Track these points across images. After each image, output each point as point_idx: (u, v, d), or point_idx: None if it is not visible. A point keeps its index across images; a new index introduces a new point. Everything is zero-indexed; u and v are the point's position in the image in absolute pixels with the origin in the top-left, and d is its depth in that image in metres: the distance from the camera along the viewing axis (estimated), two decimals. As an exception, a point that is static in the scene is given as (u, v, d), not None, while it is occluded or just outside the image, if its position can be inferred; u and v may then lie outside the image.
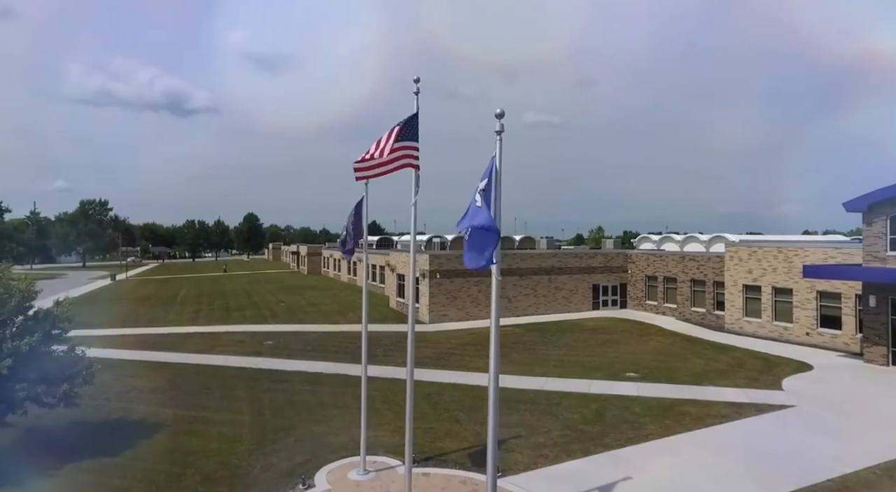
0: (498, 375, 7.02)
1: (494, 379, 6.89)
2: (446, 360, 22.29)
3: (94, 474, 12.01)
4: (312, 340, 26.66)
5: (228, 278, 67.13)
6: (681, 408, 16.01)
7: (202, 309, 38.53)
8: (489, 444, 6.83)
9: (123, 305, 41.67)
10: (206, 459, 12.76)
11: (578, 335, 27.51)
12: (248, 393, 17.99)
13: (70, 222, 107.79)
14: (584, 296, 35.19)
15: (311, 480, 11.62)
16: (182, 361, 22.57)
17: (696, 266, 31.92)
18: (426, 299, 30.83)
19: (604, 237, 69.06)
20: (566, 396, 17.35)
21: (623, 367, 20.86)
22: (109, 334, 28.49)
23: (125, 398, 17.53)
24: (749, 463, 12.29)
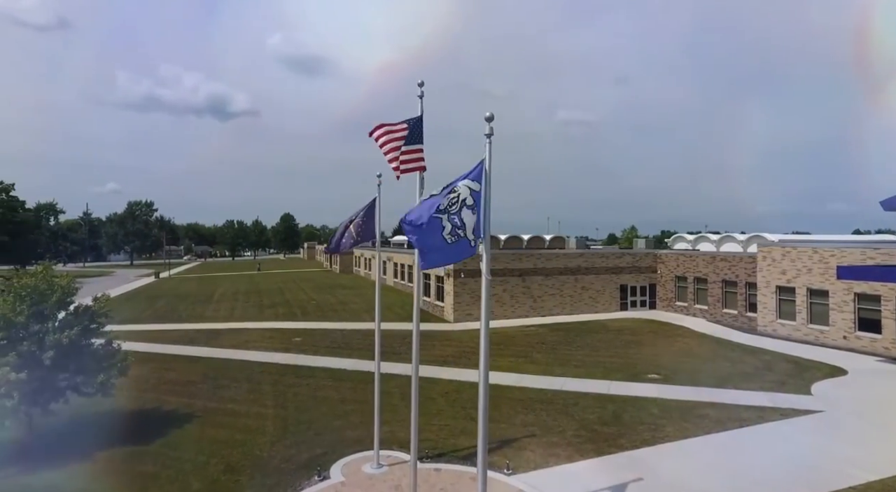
0: (487, 372, 7.21)
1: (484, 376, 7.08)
2: (467, 358, 22.49)
3: (127, 461, 12.79)
4: (338, 337, 27.32)
5: (263, 277, 69.08)
6: (700, 411, 15.76)
7: (237, 306, 39.91)
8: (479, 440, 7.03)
9: (164, 301, 43.56)
10: (231, 449, 13.39)
11: (603, 336, 27.26)
12: (273, 387, 18.66)
13: (118, 223, 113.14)
14: (612, 296, 34.76)
15: (327, 472, 12.06)
16: (215, 355, 23.53)
17: (727, 266, 31.09)
18: (450, 299, 31.10)
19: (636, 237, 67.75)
20: (584, 396, 17.32)
21: (645, 368, 20.61)
22: (150, 329, 29.91)
23: (160, 390, 18.46)
24: (766, 468, 12.06)
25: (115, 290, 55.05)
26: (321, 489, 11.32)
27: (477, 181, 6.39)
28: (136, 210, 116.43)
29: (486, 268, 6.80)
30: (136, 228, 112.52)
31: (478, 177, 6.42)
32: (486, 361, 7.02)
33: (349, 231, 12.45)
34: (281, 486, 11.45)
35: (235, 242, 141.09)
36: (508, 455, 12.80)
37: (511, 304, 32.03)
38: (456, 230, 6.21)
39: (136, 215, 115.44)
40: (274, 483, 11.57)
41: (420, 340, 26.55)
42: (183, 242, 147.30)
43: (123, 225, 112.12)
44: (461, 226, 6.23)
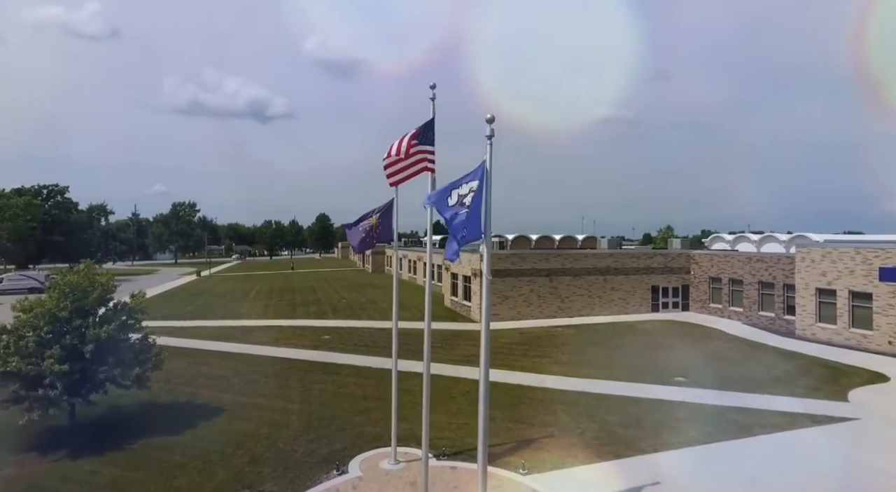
0: (488, 371, 7.31)
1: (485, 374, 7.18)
2: (491, 358, 22.43)
3: (159, 450, 13.45)
4: (366, 335, 27.81)
5: (298, 276, 70.73)
6: (727, 416, 15.37)
7: (271, 304, 41.07)
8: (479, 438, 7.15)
9: (203, 299, 45.19)
10: (256, 442, 13.89)
11: (631, 338, 26.81)
12: (300, 383, 19.20)
13: (163, 223, 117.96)
14: (643, 297, 34.10)
15: (346, 466, 12.38)
16: (247, 351, 24.34)
17: (764, 268, 30.05)
18: (477, 298, 31.16)
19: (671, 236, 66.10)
20: (606, 398, 17.14)
21: (672, 371, 20.19)
22: (188, 326, 31.14)
23: (193, 384, 19.25)
24: (790, 476, 11.72)
25: (159, 287, 57.51)
26: (339, 483, 11.64)
27: (477, 180, 6.51)
28: (179, 211, 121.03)
29: (487, 268, 6.91)
30: (179, 228, 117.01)
31: (477, 176, 6.54)
32: (486, 361, 7.14)
33: (365, 230, 12.73)
34: (301, 479, 11.82)
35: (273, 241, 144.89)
36: (525, 456, 12.83)
37: (538, 304, 31.85)
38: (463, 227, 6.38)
39: (179, 216, 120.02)
40: (294, 476, 11.97)
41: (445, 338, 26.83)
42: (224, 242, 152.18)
43: (168, 225, 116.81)
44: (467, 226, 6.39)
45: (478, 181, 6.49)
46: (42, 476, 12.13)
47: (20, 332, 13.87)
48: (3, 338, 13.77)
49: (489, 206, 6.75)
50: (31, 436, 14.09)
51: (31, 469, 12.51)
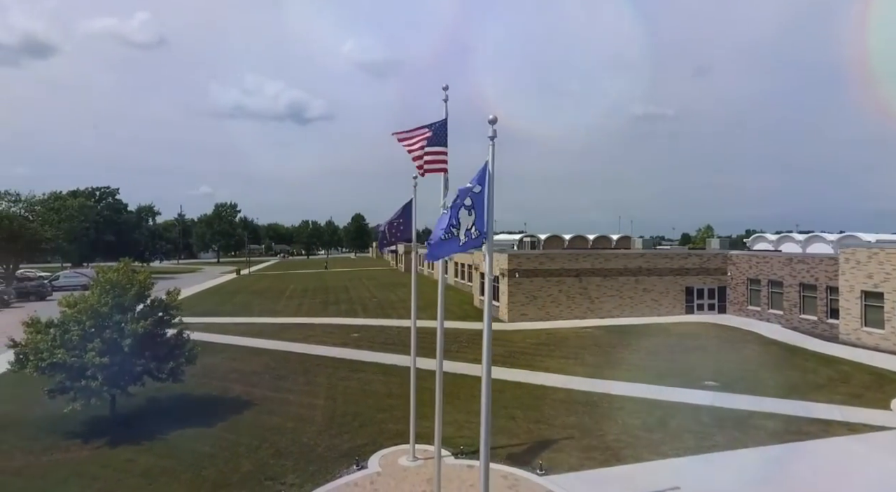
0: (490, 368, 7.38)
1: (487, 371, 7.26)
2: (516, 358, 22.51)
3: (191, 441, 14.06)
4: (394, 333, 28.16)
5: (332, 275, 72.11)
6: (756, 421, 14.91)
7: (304, 302, 42.08)
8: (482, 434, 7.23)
9: (241, 297, 46.69)
10: (281, 435, 14.35)
11: (662, 340, 26.23)
12: (327, 380, 19.68)
13: (206, 223, 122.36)
14: (676, 299, 33.24)
15: (365, 462, 12.65)
16: (278, 348, 25.07)
17: (805, 269, 28.83)
18: (505, 298, 31.10)
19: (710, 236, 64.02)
20: (631, 400, 16.87)
21: (703, 375, 19.67)
22: (225, 322, 32.27)
23: (226, 379, 19.99)
24: (817, 484, 11.28)
25: (201, 285, 59.76)
26: (357, 478, 11.91)
27: (479, 183, 6.59)
28: (221, 211, 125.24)
29: (489, 268, 6.98)
30: (221, 228, 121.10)
31: (479, 179, 6.62)
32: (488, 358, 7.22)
33: (386, 231, 12.98)
34: (321, 472, 12.16)
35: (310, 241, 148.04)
36: (543, 456, 12.81)
37: (567, 304, 31.51)
38: (451, 228, 6.46)
39: (221, 216, 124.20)
40: (315, 469, 12.31)
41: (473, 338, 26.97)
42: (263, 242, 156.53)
43: (211, 225, 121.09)
44: (456, 225, 6.47)
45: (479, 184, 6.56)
46: (84, 462, 12.88)
47: (66, 326, 14.73)
48: (50, 331, 14.66)
49: (492, 206, 6.83)
50: (75, 424, 14.96)
51: (74, 455, 13.31)
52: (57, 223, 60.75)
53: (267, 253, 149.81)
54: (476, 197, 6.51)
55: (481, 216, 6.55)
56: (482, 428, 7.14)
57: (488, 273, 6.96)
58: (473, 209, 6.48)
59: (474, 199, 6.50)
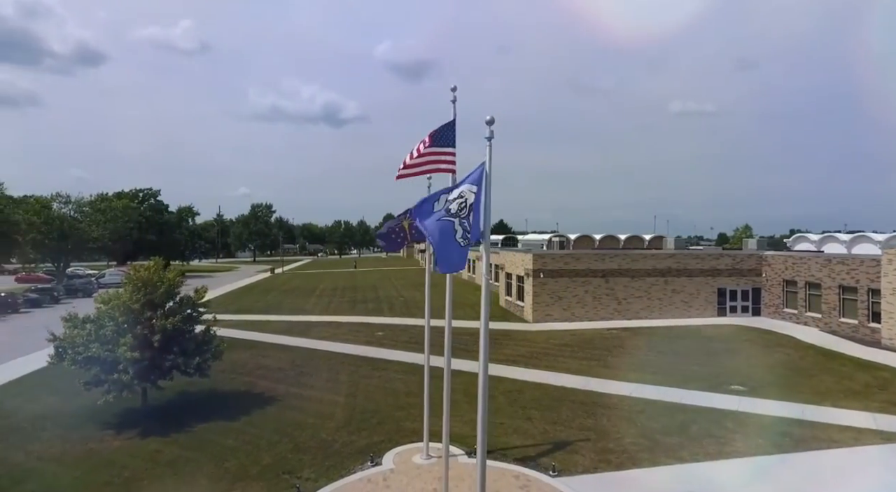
0: (487, 366, 7.44)
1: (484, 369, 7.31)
2: (538, 359, 22.38)
3: (216, 434, 14.57)
4: (417, 333, 28.29)
5: (362, 274, 73.12)
6: (782, 428, 14.42)
7: (333, 301, 42.83)
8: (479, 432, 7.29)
9: (273, 295, 47.88)
10: (301, 431, 14.71)
11: (690, 342, 25.59)
12: (349, 377, 20.03)
13: (243, 223, 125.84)
14: (708, 301, 32.33)
15: (380, 459, 12.86)
16: (305, 345, 25.65)
17: (845, 270, 27.60)
18: (530, 298, 30.90)
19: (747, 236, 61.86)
20: (653, 403, 16.57)
21: (730, 379, 19.13)
22: (257, 319, 33.21)
23: (253, 374, 20.59)
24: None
25: (236, 283, 61.57)
26: (371, 474, 12.13)
27: (475, 184, 6.64)
28: (258, 212, 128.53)
29: (486, 269, 7.03)
30: (257, 228, 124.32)
31: (476, 180, 6.67)
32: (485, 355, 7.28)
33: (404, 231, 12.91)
34: (337, 468, 12.43)
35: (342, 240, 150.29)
36: (557, 457, 12.75)
37: (593, 305, 31.09)
38: (466, 234, 6.52)
39: (258, 216, 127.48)
40: (331, 465, 12.59)
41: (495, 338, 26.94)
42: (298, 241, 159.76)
43: (247, 225, 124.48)
44: (470, 230, 6.53)
45: (475, 185, 6.61)
46: (115, 452, 13.53)
47: (101, 321, 15.50)
48: (87, 326, 15.45)
49: (489, 208, 6.87)
50: (110, 416, 15.71)
51: (107, 445, 13.99)
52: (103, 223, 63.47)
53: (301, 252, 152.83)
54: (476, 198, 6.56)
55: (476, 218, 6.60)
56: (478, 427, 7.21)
57: (484, 273, 7.01)
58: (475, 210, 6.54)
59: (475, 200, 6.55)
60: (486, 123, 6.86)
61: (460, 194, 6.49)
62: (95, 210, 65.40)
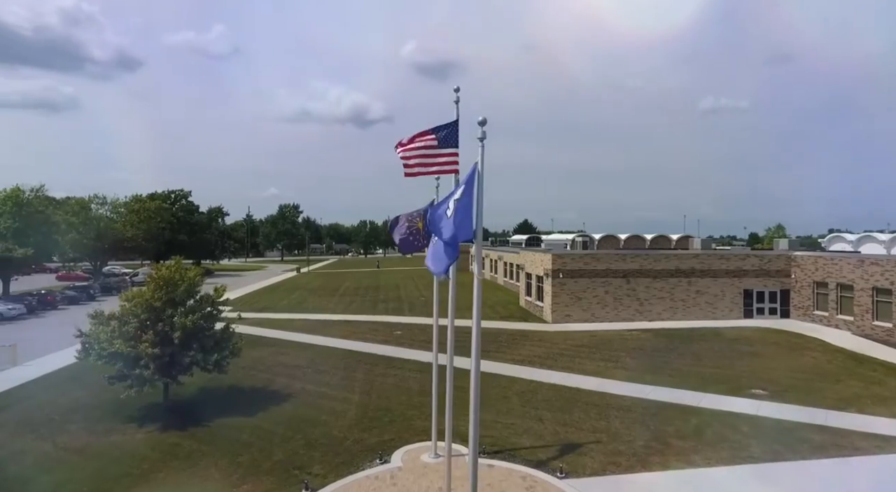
0: (479, 367, 7.45)
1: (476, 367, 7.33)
2: (553, 360, 22.21)
3: (232, 429, 14.97)
4: (436, 333, 28.45)
5: (385, 274, 73.72)
6: (802, 433, 13.99)
7: (355, 300, 43.31)
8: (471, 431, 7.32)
9: (298, 294, 48.70)
10: (314, 427, 14.98)
11: (712, 345, 25.00)
12: (364, 375, 20.27)
13: (271, 223, 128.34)
14: (733, 302, 31.50)
15: (389, 456, 13.01)
16: (324, 343, 26.04)
17: (879, 272, 26.53)
18: (549, 299, 30.65)
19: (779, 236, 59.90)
20: (668, 406, 16.28)
21: (751, 382, 18.64)
22: (279, 317, 33.88)
23: (272, 372, 21.03)
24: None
25: (263, 282, 62.86)
26: (379, 471, 12.28)
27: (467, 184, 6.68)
28: (285, 212, 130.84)
29: (478, 268, 7.06)
30: (285, 228, 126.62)
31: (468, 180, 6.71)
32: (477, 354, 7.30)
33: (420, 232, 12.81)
34: (346, 464, 12.62)
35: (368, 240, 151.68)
36: (566, 459, 12.68)
37: (614, 306, 30.65)
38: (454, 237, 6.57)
39: (285, 216, 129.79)
40: (341, 461, 12.80)
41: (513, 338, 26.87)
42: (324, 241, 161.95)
43: (275, 225, 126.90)
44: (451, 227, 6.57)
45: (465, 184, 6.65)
46: (136, 445, 14.03)
47: (125, 318, 16.08)
48: (111, 323, 16.05)
49: (481, 206, 6.91)
50: (134, 410, 16.29)
51: (130, 437, 14.53)
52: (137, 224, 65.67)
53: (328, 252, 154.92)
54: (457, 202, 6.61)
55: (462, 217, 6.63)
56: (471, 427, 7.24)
57: (476, 273, 7.05)
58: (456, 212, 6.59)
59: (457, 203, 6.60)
60: (479, 124, 6.89)
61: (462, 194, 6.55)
62: (130, 211, 67.69)
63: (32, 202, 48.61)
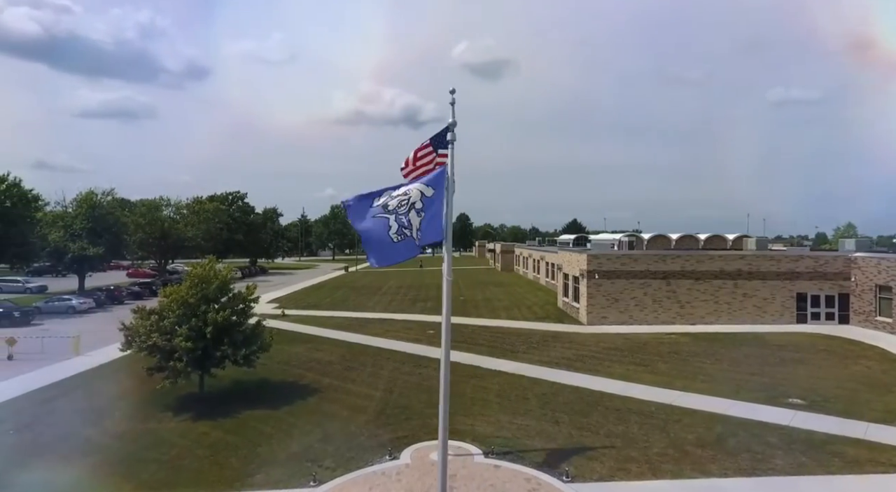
0: (448, 367, 7.52)
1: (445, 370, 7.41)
2: (581, 362, 21.79)
3: (257, 421, 15.69)
4: (468, 332, 28.56)
5: (428, 273, 74.22)
6: (835, 447, 13.12)
7: (395, 299, 44.05)
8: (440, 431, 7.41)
9: (342, 292, 50.08)
10: (333, 422, 15.47)
11: (754, 350, 23.72)
12: (390, 373, 20.67)
13: (324, 223, 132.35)
14: (784, 306, 29.70)
15: (398, 453, 13.26)
16: (358, 341, 26.71)
17: (948, 275, 24.30)
18: (584, 300, 30.03)
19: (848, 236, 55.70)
20: (693, 413, 15.67)
21: (789, 391, 17.60)
22: (320, 315, 34.97)
23: (304, 367, 21.81)
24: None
25: (312, 280, 65.05)
26: (386, 467, 12.55)
27: (431, 186, 6.78)
28: (337, 212, 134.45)
29: (448, 268, 7.15)
30: (336, 227, 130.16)
31: (433, 182, 6.81)
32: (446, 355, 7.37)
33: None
34: (356, 459, 12.97)
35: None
36: (575, 463, 12.50)
37: (653, 308, 29.63)
38: (402, 230, 6.69)
39: (337, 216, 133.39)
40: (352, 456, 13.16)
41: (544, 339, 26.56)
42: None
43: (328, 225, 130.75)
44: (408, 226, 6.69)
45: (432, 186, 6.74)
46: (169, 432, 14.99)
47: (163, 314, 17.20)
48: (151, 318, 17.21)
49: (451, 209, 6.99)
50: (172, 399, 17.37)
51: (164, 425, 15.53)
52: (197, 224, 69.54)
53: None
54: (427, 200, 6.71)
55: (431, 218, 6.73)
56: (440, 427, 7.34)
57: (446, 274, 7.14)
58: (423, 212, 6.69)
59: (426, 202, 6.70)
60: (448, 128, 6.97)
61: (405, 192, 6.66)
62: (191, 212, 71.74)
63: (104, 204, 52.48)
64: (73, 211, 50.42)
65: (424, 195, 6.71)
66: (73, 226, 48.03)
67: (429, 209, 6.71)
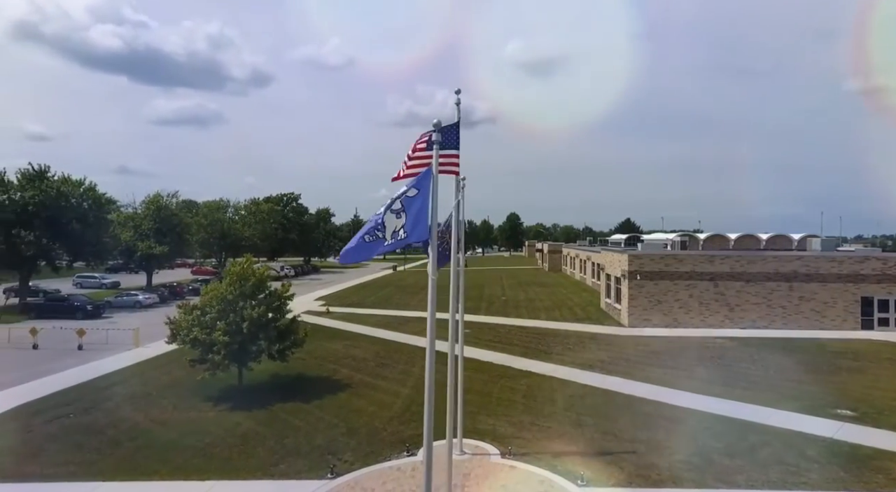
0: (433, 367, 7.59)
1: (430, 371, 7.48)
2: (615, 365, 21.22)
3: (287, 413, 16.33)
4: (503, 332, 28.43)
5: (474, 273, 74.26)
6: (881, 463, 12.18)
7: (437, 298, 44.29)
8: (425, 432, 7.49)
9: (387, 290, 51.01)
10: (359, 417, 15.87)
11: (808, 357, 22.25)
12: (420, 371, 20.88)
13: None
14: (847, 311, 27.65)
15: (416, 450, 13.44)
16: (394, 338, 27.18)
17: None
18: (626, 301, 29.14)
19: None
20: (727, 421, 14.95)
21: (839, 401, 16.45)
22: (362, 313, 35.82)
23: (339, 363, 22.46)
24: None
25: (359, 279, 66.62)
26: (402, 463, 12.76)
27: (415, 188, 6.86)
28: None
29: (433, 268, 7.23)
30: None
31: (417, 182, 6.89)
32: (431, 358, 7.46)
33: None
34: (375, 454, 13.27)
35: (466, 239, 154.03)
36: (593, 467, 12.26)
37: (699, 311, 28.36)
38: (374, 231, 6.80)
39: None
40: (371, 451, 13.48)
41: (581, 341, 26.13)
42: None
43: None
44: (381, 229, 6.80)
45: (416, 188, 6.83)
46: (207, 422, 15.86)
47: (204, 309, 18.21)
48: (194, 313, 18.26)
49: (435, 210, 7.07)
50: (214, 390, 18.35)
51: (203, 415, 16.44)
52: (253, 224, 72.84)
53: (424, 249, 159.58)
54: (408, 201, 6.80)
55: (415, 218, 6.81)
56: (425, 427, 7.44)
57: (431, 273, 7.22)
58: (404, 212, 6.78)
59: (405, 203, 6.79)
60: (433, 127, 7.05)
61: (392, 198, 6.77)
62: (248, 213, 75.23)
63: (170, 206, 55.94)
64: (142, 212, 54.07)
65: (407, 195, 6.80)
66: (141, 226, 51.51)
67: (409, 208, 6.79)
